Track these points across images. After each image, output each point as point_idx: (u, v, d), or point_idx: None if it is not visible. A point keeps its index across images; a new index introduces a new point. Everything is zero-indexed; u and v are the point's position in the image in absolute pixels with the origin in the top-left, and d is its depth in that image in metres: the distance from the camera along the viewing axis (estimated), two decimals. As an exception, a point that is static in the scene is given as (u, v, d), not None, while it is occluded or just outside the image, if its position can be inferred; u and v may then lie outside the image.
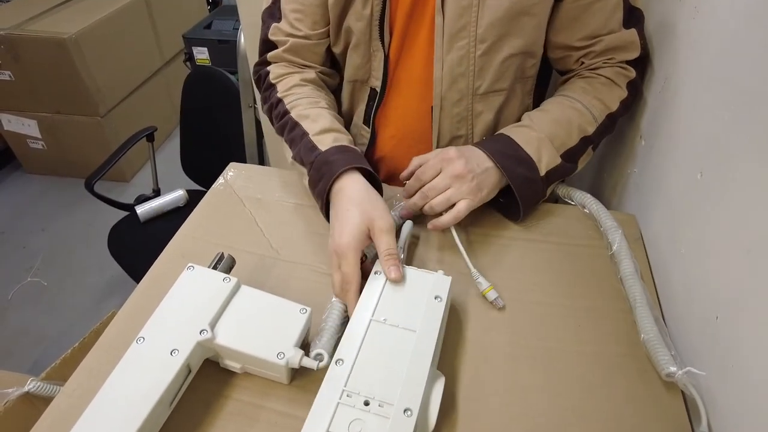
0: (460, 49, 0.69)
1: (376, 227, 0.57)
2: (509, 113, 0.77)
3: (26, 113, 2.10)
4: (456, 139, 0.77)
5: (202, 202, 0.75)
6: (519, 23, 0.67)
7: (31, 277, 1.83)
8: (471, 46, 0.68)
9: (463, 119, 0.75)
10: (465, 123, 0.75)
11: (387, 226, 0.57)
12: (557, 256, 0.65)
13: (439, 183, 0.63)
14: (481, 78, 0.71)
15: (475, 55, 0.69)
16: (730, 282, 0.48)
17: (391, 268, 0.55)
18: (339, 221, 0.58)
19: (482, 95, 0.73)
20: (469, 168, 0.62)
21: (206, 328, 0.49)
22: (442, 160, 0.64)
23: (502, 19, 0.66)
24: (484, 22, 0.67)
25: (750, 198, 0.46)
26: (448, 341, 0.55)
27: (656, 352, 0.51)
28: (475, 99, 0.73)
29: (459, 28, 0.67)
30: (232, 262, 0.58)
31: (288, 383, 0.51)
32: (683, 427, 0.48)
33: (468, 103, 0.73)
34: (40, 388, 0.66)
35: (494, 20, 0.66)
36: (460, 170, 0.62)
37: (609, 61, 0.71)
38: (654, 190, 0.69)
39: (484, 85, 0.72)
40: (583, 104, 0.69)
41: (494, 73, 0.71)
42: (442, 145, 0.77)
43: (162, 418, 0.47)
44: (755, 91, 0.47)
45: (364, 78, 0.77)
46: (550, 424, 0.49)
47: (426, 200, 0.64)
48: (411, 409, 0.44)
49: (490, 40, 0.68)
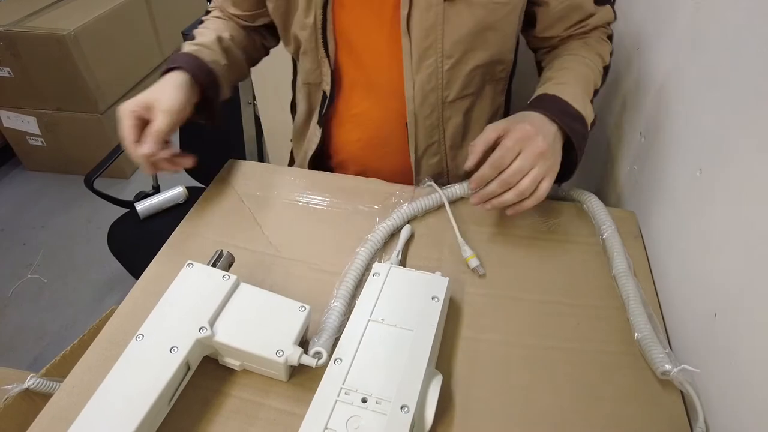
0: (428, 66, 0.70)
1: (156, 104, 0.63)
2: (479, 113, 0.79)
3: (26, 110, 2.09)
4: (430, 146, 0.79)
5: (202, 199, 0.75)
6: (484, 37, 0.69)
7: (31, 273, 1.83)
8: (438, 62, 0.70)
9: (435, 127, 0.77)
10: (437, 130, 0.77)
11: (166, 106, 0.63)
12: (556, 253, 0.65)
13: (524, 165, 0.57)
14: (449, 88, 0.73)
15: (443, 69, 0.71)
16: (729, 279, 0.48)
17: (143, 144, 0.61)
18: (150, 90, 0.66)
19: (450, 102, 0.75)
20: (547, 142, 0.59)
21: (205, 326, 0.49)
22: (520, 140, 0.58)
23: (467, 36, 0.68)
24: (450, 40, 0.68)
25: (749, 195, 0.46)
26: (446, 340, 0.55)
27: (650, 350, 0.52)
28: (444, 107, 0.75)
29: (426, 47, 0.69)
30: (232, 259, 0.58)
31: (287, 381, 0.51)
32: (681, 424, 0.48)
33: (438, 112, 0.75)
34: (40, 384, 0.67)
35: (459, 37, 0.68)
36: (542, 148, 0.58)
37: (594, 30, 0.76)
38: (654, 187, 0.69)
39: (452, 94, 0.74)
40: (591, 60, 0.72)
41: (462, 83, 0.73)
42: (419, 156, 0.79)
43: (161, 415, 0.47)
44: (756, 87, 0.47)
45: (316, 81, 0.79)
46: (548, 422, 0.49)
47: (508, 186, 0.58)
48: (408, 406, 0.44)
49: (456, 56, 0.70)
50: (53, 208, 2.12)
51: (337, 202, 0.73)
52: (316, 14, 0.70)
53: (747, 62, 0.49)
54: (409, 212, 0.68)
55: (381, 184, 0.76)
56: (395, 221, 0.67)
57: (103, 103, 2.08)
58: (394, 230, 0.67)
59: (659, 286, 0.61)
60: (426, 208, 0.70)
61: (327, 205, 0.73)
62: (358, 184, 0.76)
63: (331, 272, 0.62)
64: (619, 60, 0.96)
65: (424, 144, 0.78)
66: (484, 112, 0.80)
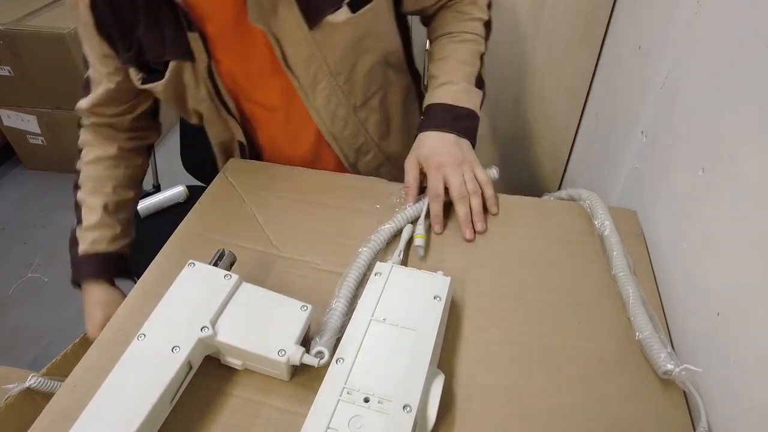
0: (323, 90, 0.73)
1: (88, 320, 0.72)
2: (393, 99, 0.83)
3: (26, 109, 2.09)
4: (359, 148, 0.83)
5: (203, 198, 0.75)
6: (365, 45, 0.72)
7: (31, 273, 1.83)
8: (331, 82, 0.73)
9: (357, 132, 0.81)
10: (360, 133, 0.81)
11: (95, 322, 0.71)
12: (557, 252, 0.65)
13: (457, 178, 0.67)
14: (354, 96, 0.77)
15: (339, 84, 0.74)
16: (732, 278, 0.48)
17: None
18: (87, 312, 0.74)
19: (362, 105, 0.78)
20: (454, 152, 0.69)
21: (207, 325, 0.49)
22: (437, 170, 0.68)
23: (347, 52, 0.71)
24: (333, 61, 0.71)
25: (752, 194, 0.46)
26: (448, 340, 0.55)
27: (652, 350, 0.51)
28: (357, 112, 0.79)
29: (313, 76, 0.72)
30: (233, 258, 0.58)
31: (288, 380, 0.51)
32: (684, 424, 0.48)
33: (353, 119, 0.79)
34: (41, 383, 0.66)
35: (341, 56, 0.71)
36: (455, 160, 0.68)
37: None
38: (655, 185, 0.68)
39: (359, 100, 0.78)
40: (466, 31, 0.77)
41: (363, 87, 0.77)
42: (352, 161, 0.84)
43: (163, 415, 0.47)
44: (758, 85, 0.47)
45: (229, 138, 0.82)
46: (550, 422, 0.49)
47: (466, 198, 0.67)
48: (410, 406, 0.44)
49: (345, 71, 0.73)
50: (54, 207, 2.12)
51: (338, 201, 0.73)
52: (206, 85, 0.72)
53: (749, 61, 0.49)
54: (413, 213, 0.68)
55: (382, 182, 0.76)
56: (399, 223, 0.67)
57: (103, 101, 2.08)
58: (397, 231, 0.67)
59: (661, 286, 0.61)
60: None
61: (328, 204, 0.73)
62: (359, 183, 0.76)
63: (332, 271, 0.62)
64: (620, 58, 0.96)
65: (351, 151, 0.83)
66: (398, 96, 0.84)
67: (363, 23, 0.70)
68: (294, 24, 0.67)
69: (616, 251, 0.61)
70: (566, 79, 1.16)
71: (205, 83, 0.72)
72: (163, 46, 0.67)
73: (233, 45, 0.70)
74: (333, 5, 0.67)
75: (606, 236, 0.64)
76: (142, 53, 0.68)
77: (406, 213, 0.68)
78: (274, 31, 0.67)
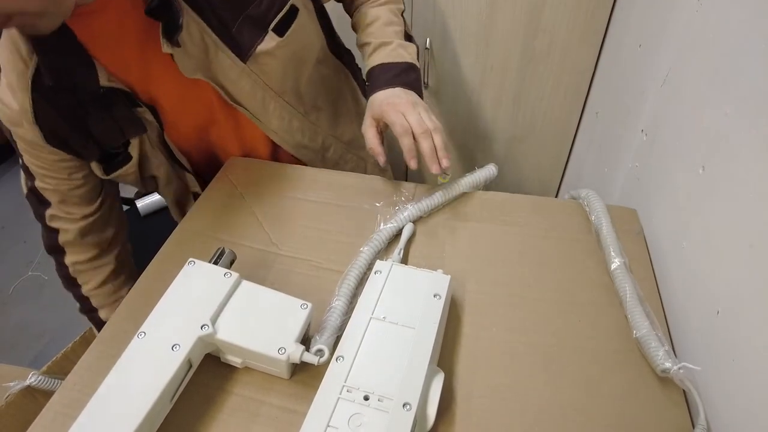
0: (274, 111, 0.76)
1: None
2: (336, 90, 0.87)
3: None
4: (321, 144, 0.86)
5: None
6: (299, 58, 0.75)
7: (31, 271, 1.83)
8: (279, 101, 0.76)
9: (314, 134, 0.84)
10: (317, 134, 0.84)
11: None
12: (556, 250, 0.65)
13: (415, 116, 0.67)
14: (302, 104, 0.80)
15: (287, 101, 0.77)
16: (732, 276, 0.48)
17: None
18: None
19: (311, 108, 0.82)
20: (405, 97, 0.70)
21: (207, 323, 0.49)
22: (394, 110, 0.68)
23: (285, 71, 0.74)
24: (274, 83, 0.74)
25: (752, 192, 0.46)
26: (448, 338, 0.55)
27: (650, 348, 0.51)
28: (309, 116, 0.82)
29: (260, 102, 0.73)
30: (233, 257, 0.58)
31: (288, 378, 0.51)
32: (683, 422, 0.48)
33: (308, 124, 0.82)
34: (42, 381, 0.67)
35: (280, 76, 0.74)
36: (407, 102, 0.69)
37: None
38: (655, 184, 0.68)
39: (308, 105, 0.81)
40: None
41: (308, 93, 0.80)
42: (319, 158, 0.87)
43: (163, 413, 0.47)
44: (758, 84, 0.47)
45: (183, 191, 0.84)
46: (549, 420, 0.49)
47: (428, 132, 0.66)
48: (410, 404, 0.44)
49: (289, 87, 0.76)
50: (54, 205, 2.12)
51: (338, 199, 0.73)
52: (161, 150, 0.74)
53: (749, 59, 0.49)
54: (415, 213, 0.68)
55: (383, 181, 0.76)
56: (400, 222, 0.67)
57: (104, 100, 2.08)
58: (398, 231, 0.67)
59: (661, 284, 0.61)
60: (431, 209, 0.69)
61: (328, 202, 0.73)
62: (360, 182, 0.76)
63: (332, 270, 0.62)
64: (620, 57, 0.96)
65: (316, 153, 0.86)
66: (342, 91, 0.88)
67: (293, 42, 0.72)
68: (228, 64, 0.68)
69: (612, 249, 0.62)
70: (566, 78, 1.16)
71: (160, 149, 0.75)
72: (119, 129, 0.68)
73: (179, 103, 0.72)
74: (259, 36, 0.68)
75: (603, 234, 0.64)
76: (98, 143, 0.69)
77: (406, 212, 0.68)
78: (211, 75, 0.69)
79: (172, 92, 0.70)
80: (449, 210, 0.71)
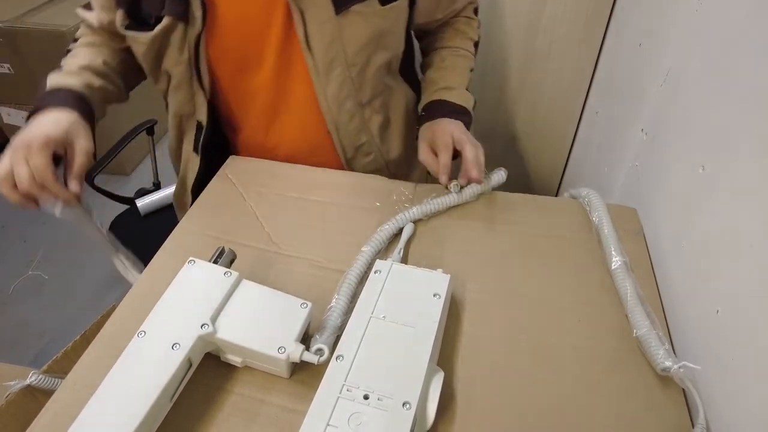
0: (337, 77, 0.73)
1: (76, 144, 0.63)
2: (395, 104, 0.85)
3: (26, 106, 2.09)
4: (360, 147, 0.82)
5: (203, 195, 0.75)
6: (383, 41, 0.74)
7: (31, 270, 1.83)
8: (345, 71, 0.73)
9: (361, 129, 0.80)
10: (364, 131, 0.81)
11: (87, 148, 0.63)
12: (556, 250, 0.65)
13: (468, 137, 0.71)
14: (362, 91, 0.77)
15: (352, 76, 0.74)
16: (732, 276, 0.48)
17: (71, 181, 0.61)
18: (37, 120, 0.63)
19: (368, 103, 0.79)
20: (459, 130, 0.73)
21: (207, 323, 0.49)
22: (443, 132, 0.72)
23: (367, 44, 0.72)
24: (351, 50, 0.71)
25: (752, 192, 0.46)
26: (447, 337, 0.55)
27: (650, 347, 0.51)
28: (364, 109, 0.79)
29: (330, 60, 0.71)
30: (233, 256, 0.58)
31: (288, 378, 0.51)
32: (683, 421, 0.48)
33: (360, 115, 0.78)
34: (42, 380, 0.67)
35: (360, 46, 0.71)
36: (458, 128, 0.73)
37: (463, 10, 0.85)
38: (655, 183, 0.68)
39: (367, 96, 0.78)
40: (463, 48, 0.84)
41: (372, 84, 0.77)
42: (350, 157, 0.83)
43: (163, 412, 0.47)
44: (758, 83, 0.47)
45: (189, 112, 0.79)
46: (549, 419, 0.49)
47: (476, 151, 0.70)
48: (409, 403, 0.44)
49: (360, 63, 0.73)
50: (54, 204, 2.12)
51: (338, 198, 0.73)
52: (189, 51, 0.70)
53: (749, 58, 0.49)
54: (417, 214, 0.68)
55: (382, 180, 0.76)
56: (400, 222, 0.67)
57: (104, 99, 2.08)
58: (398, 230, 0.67)
59: (661, 283, 0.61)
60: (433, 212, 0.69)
61: (328, 201, 0.73)
62: (359, 181, 0.76)
63: (332, 269, 0.62)
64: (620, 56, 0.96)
65: (351, 148, 0.82)
66: (400, 102, 0.86)
67: (388, 18, 0.71)
68: (323, 5, 0.67)
69: (613, 248, 0.62)
70: (566, 77, 1.16)
71: (189, 49, 0.70)
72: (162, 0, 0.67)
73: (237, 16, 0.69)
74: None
75: (603, 233, 0.64)
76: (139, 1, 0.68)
77: (407, 212, 0.68)
78: (301, 6, 0.67)
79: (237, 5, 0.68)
80: (449, 209, 0.71)
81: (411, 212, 0.68)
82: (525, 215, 0.70)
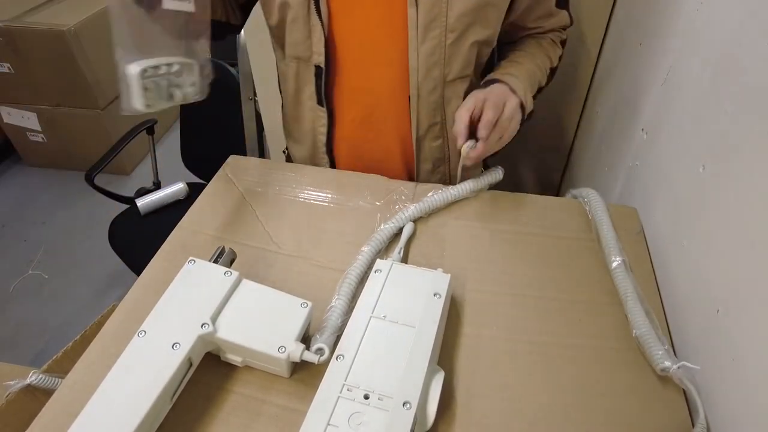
0: (433, 39, 0.70)
1: None
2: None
3: (26, 106, 2.09)
4: (433, 126, 0.78)
5: (203, 195, 0.75)
6: (485, 13, 0.70)
7: (32, 269, 1.83)
8: (442, 35, 0.70)
9: (438, 107, 0.77)
10: (440, 110, 0.77)
11: None
12: (556, 250, 0.65)
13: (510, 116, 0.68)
14: (450, 66, 0.73)
15: (446, 44, 0.71)
16: (732, 275, 0.48)
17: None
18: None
19: (450, 82, 0.75)
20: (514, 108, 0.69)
21: (207, 322, 0.49)
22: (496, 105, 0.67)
23: (471, 10, 0.69)
24: (454, 13, 0.68)
25: (753, 191, 0.46)
26: (448, 337, 0.55)
27: (649, 347, 0.51)
28: (446, 86, 0.75)
29: (431, 18, 0.69)
30: (233, 255, 0.58)
31: (289, 377, 0.51)
32: (683, 421, 0.48)
33: (441, 90, 0.75)
34: (42, 380, 0.67)
35: (464, 10, 0.68)
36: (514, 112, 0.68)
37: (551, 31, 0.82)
38: (656, 183, 0.68)
39: (453, 73, 0.74)
40: (541, 59, 0.80)
41: (462, 61, 0.73)
42: (422, 134, 0.79)
43: (163, 412, 0.47)
44: (759, 83, 0.47)
45: (306, 55, 0.75)
46: (549, 419, 0.49)
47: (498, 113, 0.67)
48: (410, 402, 0.44)
49: (459, 30, 0.70)
50: (54, 204, 2.12)
51: (338, 198, 0.73)
52: None
53: (750, 58, 0.49)
54: (416, 212, 0.68)
55: (382, 180, 0.76)
56: (400, 221, 0.67)
57: (103, 99, 2.08)
58: (398, 230, 0.67)
59: (661, 283, 0.61)
60: (432, 209, 0.69)
61: (328, 201, 0.73)
62: (359, 181, 0.76)
63: (332, 268, 0.62)
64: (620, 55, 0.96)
65: (426, 123, 0.78)
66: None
67: None
68: None
69: (612, 248, 0.62)
70: (566, 76, 1.16)
71: None
72: None
73: None
74: None
75: (603, 233, 0.64)
76: None
77: (406, 211, 0.68)
78: None
79: None
80: (449, 209, 0.71)
81: (410, 210, 0.68)
82: (525, 215, 0.70)
